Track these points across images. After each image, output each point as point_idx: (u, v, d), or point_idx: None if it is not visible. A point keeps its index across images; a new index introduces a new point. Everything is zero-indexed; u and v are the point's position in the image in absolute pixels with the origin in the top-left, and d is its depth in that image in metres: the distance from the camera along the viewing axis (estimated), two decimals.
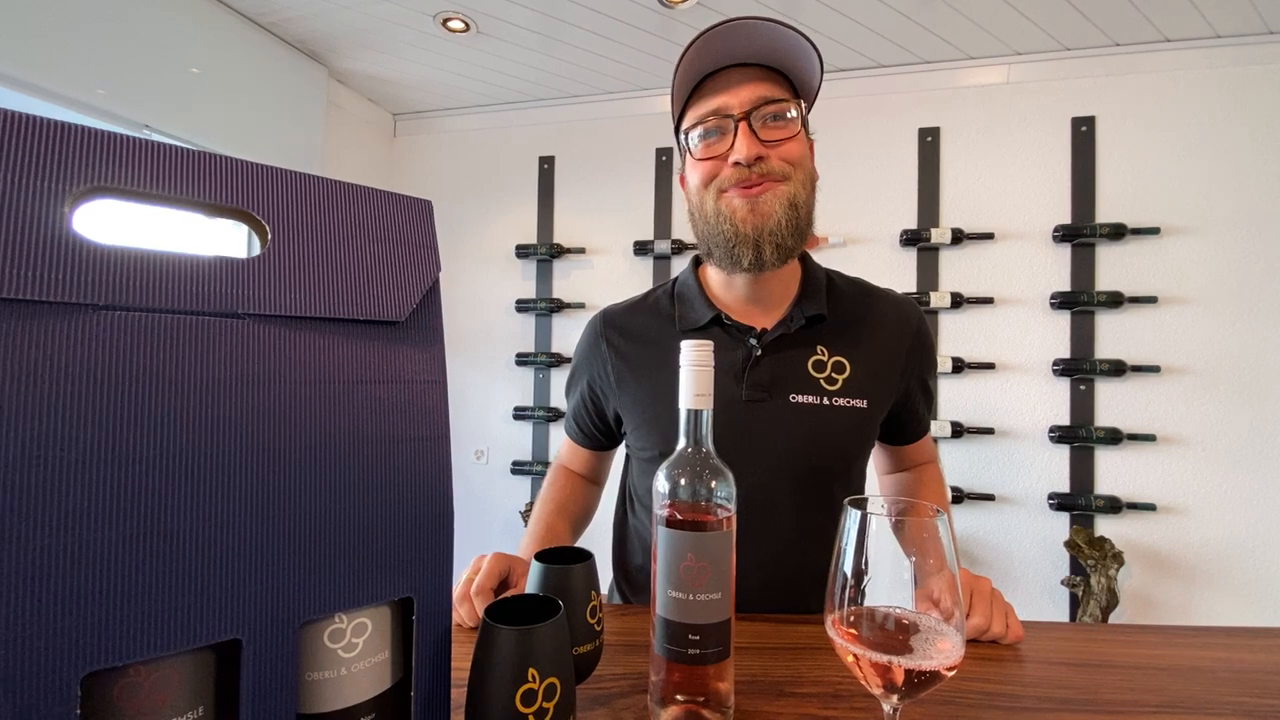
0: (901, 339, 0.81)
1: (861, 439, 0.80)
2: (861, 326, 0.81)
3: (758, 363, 0.77)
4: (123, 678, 0.29)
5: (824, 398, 0.76)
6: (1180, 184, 2.18)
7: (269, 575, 0.32)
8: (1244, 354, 2.12)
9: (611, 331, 0.85)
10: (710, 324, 0.80)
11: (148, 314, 0.31)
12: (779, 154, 0.71)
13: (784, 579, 0.77)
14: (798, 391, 0.76)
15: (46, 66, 1.65)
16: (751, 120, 0.70)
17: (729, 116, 0.71)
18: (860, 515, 0.40)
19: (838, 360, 0.78)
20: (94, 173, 0.30)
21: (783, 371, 0.77)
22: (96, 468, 0.28)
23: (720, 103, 0.71)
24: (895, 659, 0.37)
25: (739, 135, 0.70)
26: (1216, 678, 0.60)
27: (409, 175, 3.01)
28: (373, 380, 0.37)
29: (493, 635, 0.36)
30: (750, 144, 0.69)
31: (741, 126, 0.70)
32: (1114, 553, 2.09)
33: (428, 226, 0.42)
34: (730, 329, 0.80)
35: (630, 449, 0.90)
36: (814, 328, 0.79)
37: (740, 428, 0.74)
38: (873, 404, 0.78)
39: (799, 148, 0.73)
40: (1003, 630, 0.65)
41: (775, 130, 0.71)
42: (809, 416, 0.75)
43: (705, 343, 0.50)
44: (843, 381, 0.77)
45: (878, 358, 0.80)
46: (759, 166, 0.71)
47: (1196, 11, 2.02)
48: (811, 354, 0.78)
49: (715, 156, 0.72)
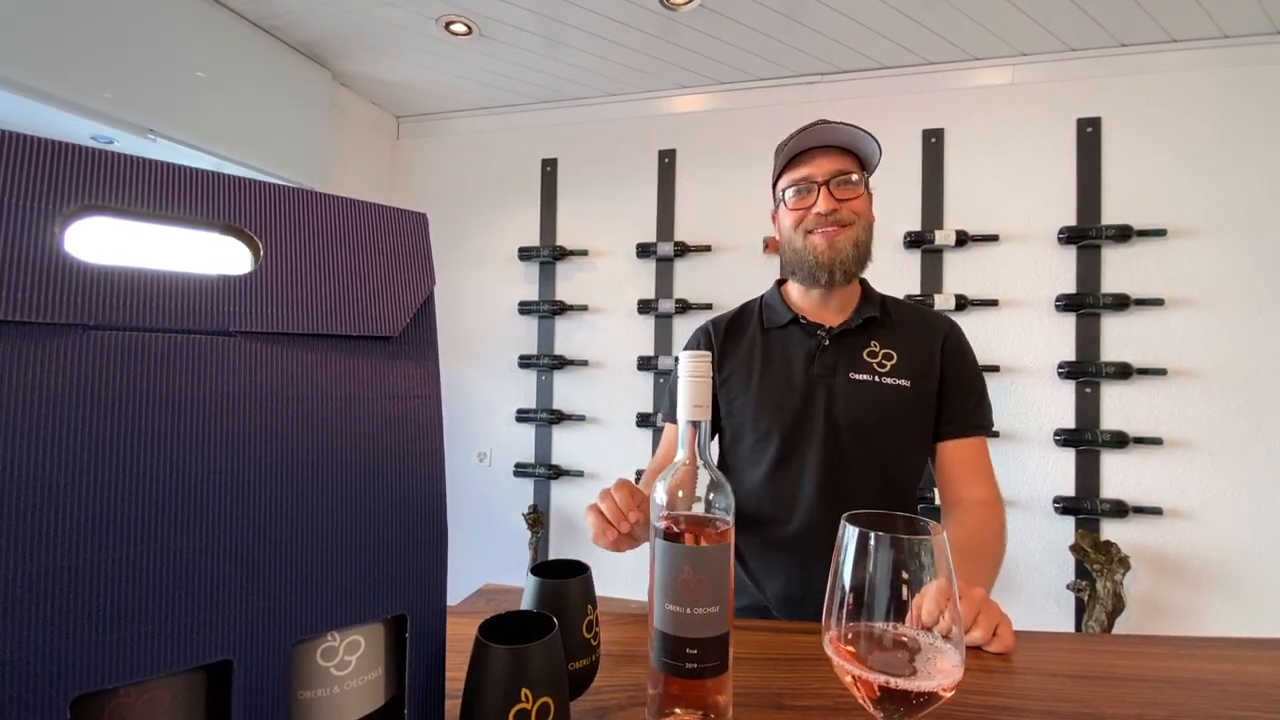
0: (936, 337, 1.04)
1: (907, 412, 1.00)
2: (906, 329, 1.05)
3: (825, 350, 1.02)
4: (113, 700, 0.29)
5: (876, 376, 0.99)
6: (1187, 185, 2.16)
7: (261, 595, 0.32)
8: (1252, 357, 2.10)
9: (715, 329, 1.11)
10: (789, 323, 1.05)
11: (139, 333, 0.30)
12: (848, 208, 0.99)
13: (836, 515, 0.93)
14: (855, 371, 1.00)
15: (52, 71, 1.66)
16: (830, 185, 0.98)
17: (815, 182, 0.99)
18: (859, 532, 0.39)
19: (887, 352, 1.02)
20: (84, 191, 0.30)
21: (844, 356, 1.01)
22: (86, 489, 0.28)
23: (808, 172, 1.00)
24: (893, 679, 0.36)
25: (821, 195, 0.98)
26: (1224, 690, 0.59)
27: (411, 178, 3.01)
28: (366, 396, 0.37)
29: (485, 654, 0.36)
30: (828, 202, 0.98)
31: (823, 190, 0.98)
32: (1120, 557, 2.07)
33: (422, 240, 0.42)
34: (804, 326, 1.05)
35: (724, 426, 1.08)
36: (869, 328, 1.03)
37: (809, 396, 0.99)
38: (915, 385, 0.99)
39: (863, 204, 1.02)
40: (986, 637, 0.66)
41: (845, 192, 0.99)
42: (864, 390, 0.99)
43: (703, 354, 0.50)
44: (890, 366, 1.00)
45: (918, 351, 1.02)
46: (834, 216, 0.98)
47: (1203, 11, 2.00)
48: (866, 346, 1.02)
49: (803, 208, 1.01)
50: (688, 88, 2.62)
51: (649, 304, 2.62)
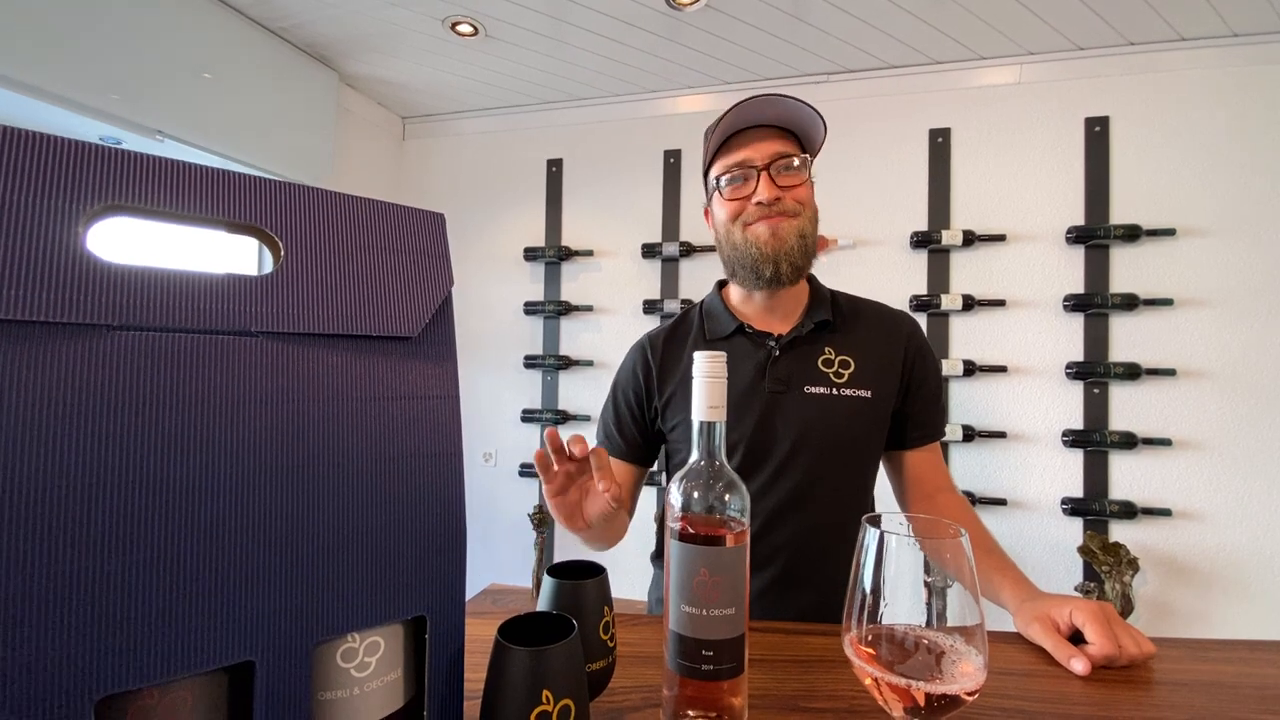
0: (898, 343, 0.95)
1: (867, 424, 0.92)
2: (862, 332, 0.95)
3: (776, 361, 0.92)
4: (136, 701, 0.29)
5: (833, 389, 0.91)
6: (1196, 184, 2.15)
7: (283, 596, 0.32)
8: (1262, 357, 2.08)
9: (651, 347, 1.00)
10: (734, 333, 0.95)
11: (162, 334, 0.30)
12: (791, 196, 0.89)
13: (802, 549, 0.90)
14: (811, 384, 0.91)
15: (61, 73, 1.67)
16: (771, 170, 0.87)
17: (753, 167, 0.88)
18: (879, 534, 0.39)
19: (843, 358, 0.93)
20: (107, 191, 0.30)
21: (798, 368, 0.92)
22: (111, 490, 0.28)
23: (745, 155, 0.89)
24: (915, 682, 0.36)
25: (761, 181, 0.87)
26: (1240, 694, 0.58)
27: (418, 178, 3.02)
28: (386, 397, 0.37)
29: (506, 656, 0.36)
30: (770, 189, 0.87)
31: (763, 175, 0.87)
32: (1129, 559, 2.06)
33: (440, 240, 0.42)
34: (751, 336, 0.94)
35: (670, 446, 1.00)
36: (821, 332, 0.94)
37: (765, 416, 0.90)
38: (876, 395, 0.91)
39: (807, 192, 0.91)
40: (1137, 651, 0.63)
41: (788, 178, 0.88)
42: (821, 404, 0.90)
43: (718, 354, 0.50)
44: (848, 376, 0.91)
45: (878, 358, 0.93)
46: (776, 205, 0.88)
47: (1212, 9, 1.99)
48: (820, 353, 0.93)
49: (741, 197, 0.90)
50: (693, 88, 2.62)
51: (654, 304, 2.62)
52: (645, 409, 0.99)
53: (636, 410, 0.99)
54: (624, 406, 1.00)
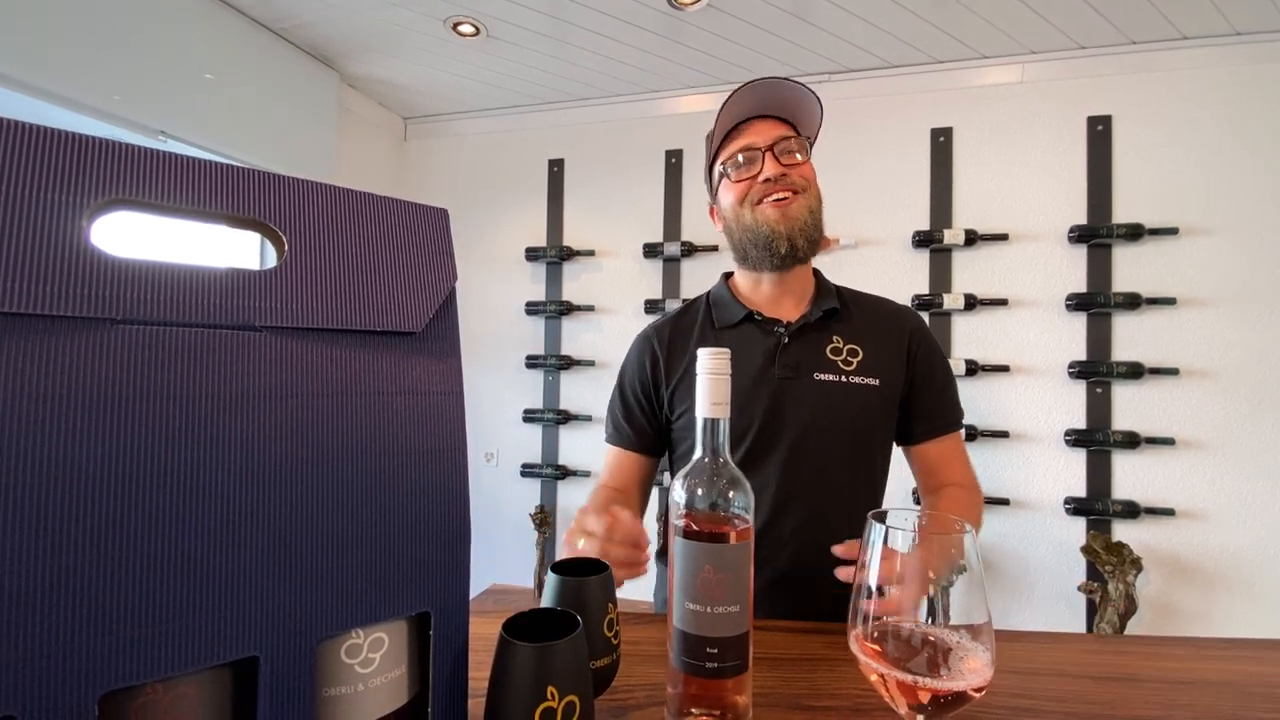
0: (902, 335, 0.97)
1: (875, 411, 0.93)
2: (869, 323, 0.97)
3: (786, 348, 0.93)
4: (140, 696, 0.29)
5: (842, 376, 0.92)
6: (1199, 183, 2.14)
7: (287, 591, 0.32)
8: (1265, 356, 2.08)
9: (657, 336, 1.01)
10: (743, 321, 0.96)
11: (165, 328, 0.30)
12: (796, 173, 0.92)
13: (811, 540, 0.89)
14: (820, 371, 0.92)
15: (63, 73, 1.67)
16: (775, 150, 0.91)
17: (757, 149, 0.91)
18: (884, 529, 0.39)
19: (851, 347, 0.94)
20: (111, 185, 0.30)
21: (807, 355, 0.93)
22: (114, 485, 0.28)
23: (749, 141, 0.92)
24: (922, 679, 0.36)
25: (766, 160, 0.91)
26: (1248, 692, 0.58)
27: (419, 178, 3.02)
28: (389, 392, 0.37)
29: (511, 652, 0.36)
30: (774, 166, 0.90)
31: (768, 155, 0.91)
32: (1132, 558, 2.05)
33: (444, 235, 0.41)
34: (760, 323, 0.96)
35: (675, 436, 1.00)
36: (829, 320, 0.95)
37: (775, 402, 0.91)
38: (884, 384, 0.93)
39: (810, 171, 0.94)
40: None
41: (790, 159, 0.92)
42: (831, 391, 0.91)
43: (722, 351, 0.49)
44: (857, 364, 0.93)
45: (884, 348, 0.95)
46: (783, 180, 0.90)
47: (1214, 8, 1.98)
48: (829, 341, 0.94)
49: (747, 178, 0.92)
50: (695, 88, 2.62)
51: (656, 304, 2.62)
52: (654, 398, 0.99)
53: (645, 401, 1.00)
54: (632, 397, 1.01)
